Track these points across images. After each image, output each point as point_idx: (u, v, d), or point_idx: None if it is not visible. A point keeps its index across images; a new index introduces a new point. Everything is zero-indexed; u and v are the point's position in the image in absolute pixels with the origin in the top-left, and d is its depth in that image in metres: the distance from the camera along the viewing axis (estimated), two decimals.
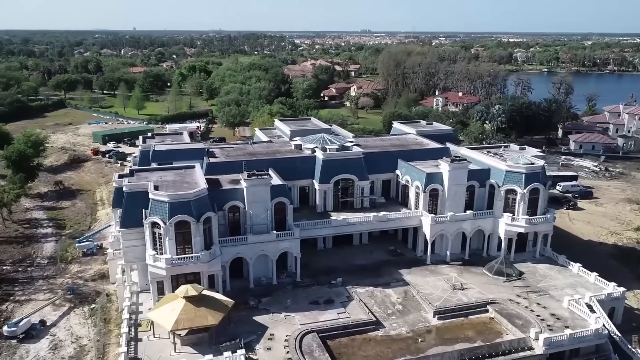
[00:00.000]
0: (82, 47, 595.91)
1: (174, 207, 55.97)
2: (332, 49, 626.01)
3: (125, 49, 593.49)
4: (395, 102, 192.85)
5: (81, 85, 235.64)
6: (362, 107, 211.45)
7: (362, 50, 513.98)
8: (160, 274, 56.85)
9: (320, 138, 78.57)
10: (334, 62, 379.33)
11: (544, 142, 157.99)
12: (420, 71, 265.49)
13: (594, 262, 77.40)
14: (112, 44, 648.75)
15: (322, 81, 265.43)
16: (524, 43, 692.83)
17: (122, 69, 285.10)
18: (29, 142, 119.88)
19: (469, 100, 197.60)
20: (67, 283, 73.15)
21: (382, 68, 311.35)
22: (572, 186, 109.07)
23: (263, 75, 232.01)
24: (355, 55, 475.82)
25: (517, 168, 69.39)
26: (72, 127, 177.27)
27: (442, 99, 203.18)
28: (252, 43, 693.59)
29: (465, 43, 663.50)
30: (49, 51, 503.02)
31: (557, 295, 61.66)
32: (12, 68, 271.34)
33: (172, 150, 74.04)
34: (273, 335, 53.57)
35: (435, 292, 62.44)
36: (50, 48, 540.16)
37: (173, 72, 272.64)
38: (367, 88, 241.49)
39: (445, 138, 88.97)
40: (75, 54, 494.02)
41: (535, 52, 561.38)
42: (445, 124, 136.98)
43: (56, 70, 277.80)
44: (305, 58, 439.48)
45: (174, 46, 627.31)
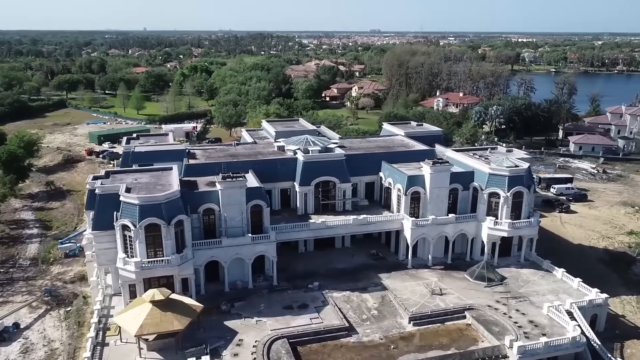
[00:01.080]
0: (90, 47, 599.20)
1: (144, 210, 55.25)
2: (339, 49, 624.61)
3: (133, 49, 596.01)
4: (394, 103, 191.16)
5: (83, 85, 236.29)
6: (362, 108, 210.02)
7: (368, 50, 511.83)
8: (130, 278, 56.16)
9: (303, 139, 77.61)
10: (338, 63, 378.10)
11: (543, 144, 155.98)
12: (423, 71, 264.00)
13: (582, 267, 75.91)
14: (120, 44, 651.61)
15: (324, 81, 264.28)
16: (532, 43, 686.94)
17: (125, 69, 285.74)
18: (22, 142, 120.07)
19: (470, 100, 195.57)
20: (46, 285, 72.70)
21: (385, 68, 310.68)
22: (566, 189, 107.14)
23: (264, 75, 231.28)
24: (361, 55, 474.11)
25: (500, 171, 67.93)
26: (70, 127, 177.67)
27: (443, 100, 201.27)
28: (259, 43, 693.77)
29: (474, 43, 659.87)
30: (57, 51, 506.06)
31: (537, 302, 60.21)
32: (16, 68, 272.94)
33: (151, 152, 73.44)
34: (242, 341, 52.67)
35: (412, 297, 61.22)
36: (58, 48, 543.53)
37: (175, 72, 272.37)
38: (368, 88, 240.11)
39: (434, 139, 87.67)
40: (82, 54, 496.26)
41: (543, 52, 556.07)
42: (442, 125, 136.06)
43: (59, 71, 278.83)
44: (310, 58, 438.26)
45: (182, 46, 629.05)
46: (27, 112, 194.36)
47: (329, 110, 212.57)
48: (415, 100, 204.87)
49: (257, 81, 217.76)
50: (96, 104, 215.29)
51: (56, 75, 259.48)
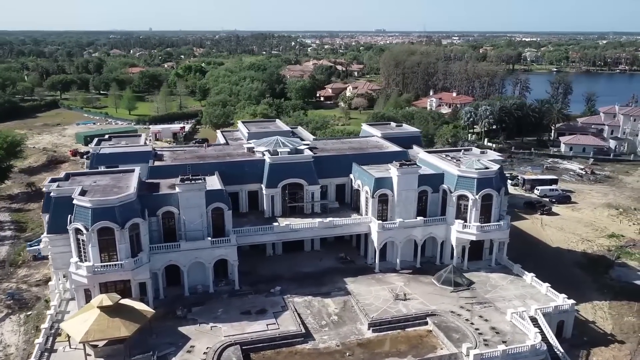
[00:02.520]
0: (91, 48, 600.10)
1: (97, 213, 54.19)
2: (340, 49, 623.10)
3: (135, 49, 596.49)
4: (385, 103, 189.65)
5: (76, 85, 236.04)
6: (355, 108, 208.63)
7: (369, 50, 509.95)
8: (82, 282, 55.12)
9: (274, 141, 76.33)
10: (337, 62, 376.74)
11: (534, 144, 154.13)
12: (420, 71, 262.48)
13: (557, 271, 74.63)
14: (122, 44, 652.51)
15: (319, 81, 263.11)
16: (535, 42, 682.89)
17: (120, 69, 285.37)
18: (5, 143, 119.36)
19: (463, 100, 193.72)
20: (10, 288, 71.82)
21: (383, 68, 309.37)
22: (550, 190, 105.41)
23: (257, 75, 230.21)
24: (361, 55, 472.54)
25: (469, 173, 66.41)
26: (60, 127, 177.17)
27: (436, 100, 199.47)
28: (261, 43, 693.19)
29: (478, 43, 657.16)
30: (58, 52, 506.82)
31: (502, 307, 58.70)
32: (12, 69, 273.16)
33: (116, 154, 72.54)
34: (193, 348, 51.50)
35: (375, 303, 59.87)
36: (60, 49, 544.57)
37: (170, 72, 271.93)
38: (362, 88, 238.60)
39: (412, 141, 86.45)
40: (84, 54, 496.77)
41: (545, 52, 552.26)
42: (429, 125, 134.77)
43: (55, 71, 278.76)
44: (309, 58, 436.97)
45: (184, 46, 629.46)
46: (18, 113, 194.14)
47: (321, 111, 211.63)
48: (408, 100, 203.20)
49: (250, 81, 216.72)
50: (89, 104, 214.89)
51: (51, 75, 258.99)
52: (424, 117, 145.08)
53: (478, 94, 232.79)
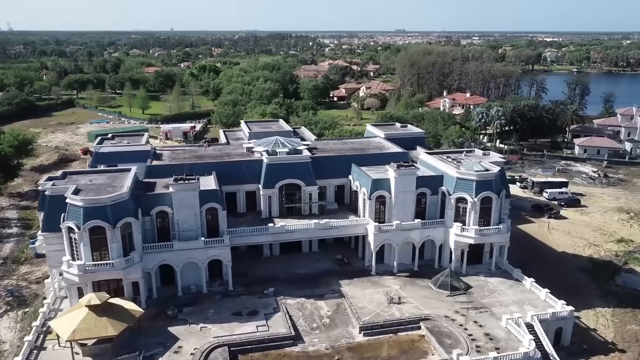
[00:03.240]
0: (112, 48, 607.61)
1: (88, 212, 54.34)
2: (358, 49, 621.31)
3: (154, 49, 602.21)
4: (396, 103, 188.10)
5: (92, 84, 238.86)
6: (368, 108, 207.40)
7: (386, 50, 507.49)
8: (74, 280, 55.33)
9: (273, 141, 75.91)
10: (353, 63, 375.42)
11: (547, 146, 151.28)
12: (435, 71, 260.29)
13: (561, 276, 73.01)
14: (142, 44, 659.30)
15: (333, 81, 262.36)
16: (556, 42, 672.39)
17: (137, 68, 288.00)
18: (16, 141, 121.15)
19: (476, 101, 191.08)
20: (11, 285, 72.58)
21: (398, 68, 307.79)
22: (559, 193, 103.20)
23: (270, 75, 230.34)
24: (378, 55, 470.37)
25: (468, 175, 65.14)
26: (73, 126, 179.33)
27: (449, 100, 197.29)
28: (278, 43, 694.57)
29: (498, 43, 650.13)
30: (79, 52, 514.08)
31: (499, 313, 57.37)
32: (31, 68, 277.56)
33: (115, 153, 72.82)
34: (181, 348, 51.30)
35: (369, 306, 59.03)
36: (82, 48, 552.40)
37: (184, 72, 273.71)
38: (375, 89, 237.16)
39: (416, 142, 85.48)
40: (105, 54, 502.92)
41: (566, 52, 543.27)
42: (438, 126, 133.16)
43: (72, 70, 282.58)
44: (325, 58, 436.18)
45: (202, 46, 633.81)
46: (35, 111, 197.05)
47: (334, 111, 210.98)
48: (421, 100, 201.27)
49: (263, 81, 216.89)
50: (104, 103, 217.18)
51: (68, 75, 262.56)
52: (434, 118, 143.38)
53: (493, 94, 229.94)
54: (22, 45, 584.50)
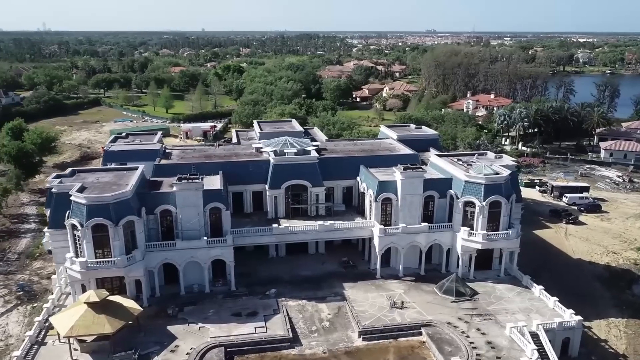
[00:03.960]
0: (142, 48, 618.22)
1: (91, 210, 54.92)
2: (386, 50, 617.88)
3: (183, 49, 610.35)
4: (417, 104, 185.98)
5: (119, 84, 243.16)
6: (390, 109, 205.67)
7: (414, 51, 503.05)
8: (76, 277, 56.00)
9: (282, 141, 75.62)
10: (378, 63, 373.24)
11: (572, 149, 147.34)
12: (460, 72, 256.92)
13: (574, 285, 70.88)
14: (171, 44, 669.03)
15: (357, 82, 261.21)
16: (590, 43, 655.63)
17: (164, 68, 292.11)
18: (39, 138, 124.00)
19: (500, 103, 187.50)
20: (23, 279, 74.03)
21: (424, 69, 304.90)
22: (579, 198, 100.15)
23: (293, 75, 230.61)
24: (405, 56, 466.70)
25: (476, 178, 63.58)
26: (98, 124, 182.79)
27: (473, 102, 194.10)
28: (305, 43, 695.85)
29: (529, 43, 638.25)
30: (111, 51, 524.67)
31: (504, 321, 55.76)
32: (62, 67, 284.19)
33: (124, 151, 73.54)
34: (177, 347, 51.33)
35: (370, 310, 58.13)
36: (114, 48, 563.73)
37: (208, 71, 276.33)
38: (399, 89, 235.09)
39: (429, 143, 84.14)
40: (135, 54, 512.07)
41: (599, 53, 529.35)
42: (457, 128, 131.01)
43: (100, 70, 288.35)
44: (351, 58, 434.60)
45: (230, 47, 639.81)
46: (62, 110, 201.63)
47: (356, 111, 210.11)
48: (444, 102, 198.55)
49: (286, 81, 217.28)
50: (129, 102, 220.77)
51: (96, 74, 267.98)
52: (454, 119, 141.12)
53: (520, 96, 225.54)
54: (57, 45, 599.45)
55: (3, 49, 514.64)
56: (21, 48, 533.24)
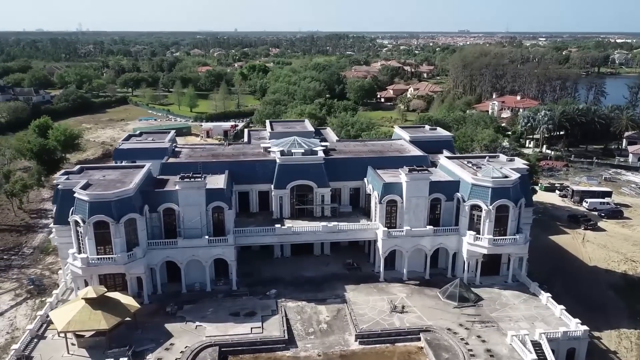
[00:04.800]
0: (174, 47, 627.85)
1: (93, 207, 55.64)
2: (416, 50, 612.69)
3: (214, 49, 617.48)
4: (439, 105, 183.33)
5: (146, 83, 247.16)
6: (413, 110, 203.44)
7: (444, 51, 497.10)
8: (78, 273, 56.79)
9: (290, 141, 75.30)
10: (406, 63, 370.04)
11: (599, 153, 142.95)
12: (488, 73, 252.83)
13: (587, 293, 68.71)
14: (202, 44, 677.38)
15: (382, 82, 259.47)
16: (628, 44, 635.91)
17: (191, 67, 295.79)
18: (63, 136, 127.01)
19: (527, 104, 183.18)
20: (35, 274, 75.65)
21: (451, 69, 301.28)
22: (600, 203, 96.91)
23: (317, 75, 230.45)
24: (434, 56, 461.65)
25: (483, 182, 62.00)
26: (123, 123, 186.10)
27: (498, 103, 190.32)
28: (335, 44, 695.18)
29: (564, 44, 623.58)
30: (144, 51, 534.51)
31: (506, 328, 54.15)
32: (93, 67, 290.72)
33: (134, 149, 74.34)
34: (172, 346, 51.50)
35: (370, 313, 57.27)
36: (146, 48, 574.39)
37: (234, 71, 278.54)
38: (423, 90, 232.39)
39: (442, 145, 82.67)
40: (167, 53, 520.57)
41: (636, 54, 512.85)
42: (476, 129, 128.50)
43: (130, 69, 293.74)
44: (379, 59, 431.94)
45: (261, 46, 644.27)
46: (90, 108, 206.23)
47: (379, 112, 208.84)
48: (469, 103, 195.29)
49: (310, 81, 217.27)
50: (156, 101, 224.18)
51: (126, 73, 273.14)
52: (475, 121, 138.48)
53: (549, 98, 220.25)
54: (92, 45, 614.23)
55: (41, 49, 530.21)
56: (58, 48, 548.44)
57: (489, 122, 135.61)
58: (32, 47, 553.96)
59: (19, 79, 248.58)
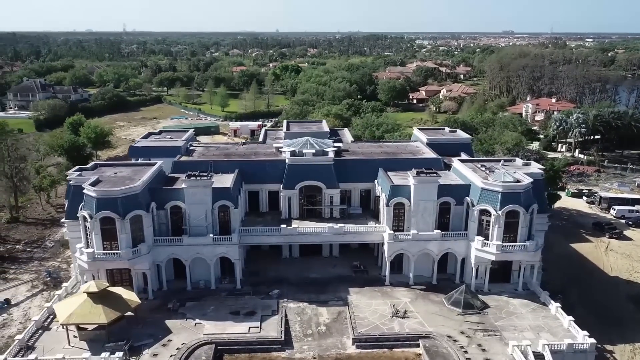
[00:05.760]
0: (214, 48, 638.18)
1: (101, 203, 56.87)
2: (456, 51, 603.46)
3: (252, 49, 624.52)
4: (469, 107, 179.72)
5: (180, 82, 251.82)
6: (444, 112, 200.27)
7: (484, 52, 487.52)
8: (84, 267, 58.16)
9: (303, 141, 75.21)
10: (442, 64, 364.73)
11: (635, 159, 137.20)
12: (525, 75, 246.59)
13: (604, 304, 66.06)
14: (241, 45, 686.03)
15: (415, 83, 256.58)
16: None
17: (227, 67, 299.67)
18: (93, 133, 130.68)
19: (562, 107, 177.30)
20: (53, 266, 77.95)
21: (488, 71, 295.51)
22: (629, 211, 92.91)
23: (349, 76, 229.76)
24: (473, 57, 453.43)
25: (493, 186, 60.29)
26: (155, 121, 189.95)
27: (532, 106, 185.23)
28: (372, 44, 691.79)
29: (612, 45, 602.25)
30: (184, 51, 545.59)
31: (509, 338, 52.39)
32: (131, 66, 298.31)
33: (148, 147, 75.74)
34: (170, 342, 52.07)
35: (370, 317, 56.53)
36: (187, 48, 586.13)
37: (268, 71, 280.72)
38: (456, 92, 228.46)
39: (461, 148, 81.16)
40: (207, 54, 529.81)
41: None
42: (502, 132, 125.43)
43: (166, 68, 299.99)
44: (415, 60, 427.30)
45: (299, 47, 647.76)
46: (125, 106, 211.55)
47: (409, 113, 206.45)
48: (501, 105, 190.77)
49: (341, 81, 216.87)
50: (189, 100, 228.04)
51: (161, 72, 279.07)
52: (504, 123, 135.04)
53: (587, 101, 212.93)
54: (135, 45, 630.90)
55: (86, 49, 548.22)
56: (102, 48, 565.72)
57: (518, 125, 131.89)
58: (78, 47, 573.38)
59: (61, 77, 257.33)
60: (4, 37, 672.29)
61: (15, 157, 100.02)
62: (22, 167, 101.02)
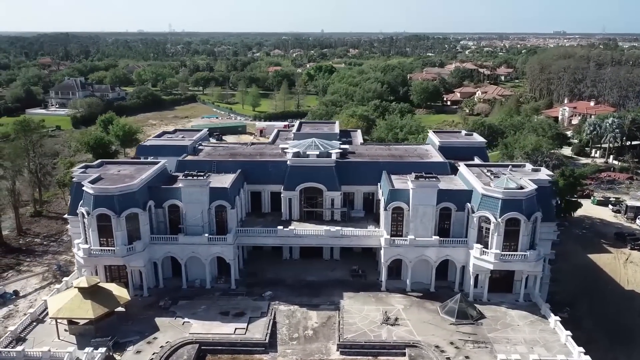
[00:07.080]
0: (256, 48, 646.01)
1: (98, 200, 57.98)
2: (501, 51, 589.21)
3: (293, 50, 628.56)
4: (499, 109, 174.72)
5: (215, 82, 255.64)
6: (478, 114, 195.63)
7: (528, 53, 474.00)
8: (81, 263, 59.47)
9: (308, 143, 74.78)
10: (482, 66, 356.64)
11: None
12: (566, 77, 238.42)
13: (615, 319, 63.07)
14: (283, 45, 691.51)
15: (450, 84, 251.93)
16: None
17: (260, 67, 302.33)
18: (121, 131, 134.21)
19: (600, 111, 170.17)
20: (64, 260, 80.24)
21: (528, 72, 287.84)
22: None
23: (382, 77, 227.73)
24: (516, 58, 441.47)
25: (493, 192, 58.12)
26: (186, 120, 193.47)
27: (569, 109, 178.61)
28: (414, 44, 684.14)
29: None
30: (227, 51, 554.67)
31: (500, 351, 50.34)
32: (170, 66, 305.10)
33: (155, 146, 76.86)
34: (155, 340, 52.47)
35: (359, 323, 55.43)
36: (230, 48, 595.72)
37: (302, 72, 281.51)
38: (491, 93, 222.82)
39: (475, 152, 78.84)
40: (249, 54, 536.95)
41: None
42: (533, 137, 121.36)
43: (203, 68, 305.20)
44: (455, 60, 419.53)
45: (340, 47, 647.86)
46: (159, 105, 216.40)
47: (441, 115, 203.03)
48: (536, 108, 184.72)
49: (373, 82, 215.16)
50: (222, 100, 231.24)
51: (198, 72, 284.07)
52: (533, 127, 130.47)
53: (631, 104, 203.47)
54: (180, 45, 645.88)
55: (133, 49, 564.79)
56: (148, 48, 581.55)
57: (547, 129, 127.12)
58: (125, 47, 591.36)
59: (102, 76, 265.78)
60: (58, 37, 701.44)
61: (40, 153, 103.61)
62: (46, 162, 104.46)
